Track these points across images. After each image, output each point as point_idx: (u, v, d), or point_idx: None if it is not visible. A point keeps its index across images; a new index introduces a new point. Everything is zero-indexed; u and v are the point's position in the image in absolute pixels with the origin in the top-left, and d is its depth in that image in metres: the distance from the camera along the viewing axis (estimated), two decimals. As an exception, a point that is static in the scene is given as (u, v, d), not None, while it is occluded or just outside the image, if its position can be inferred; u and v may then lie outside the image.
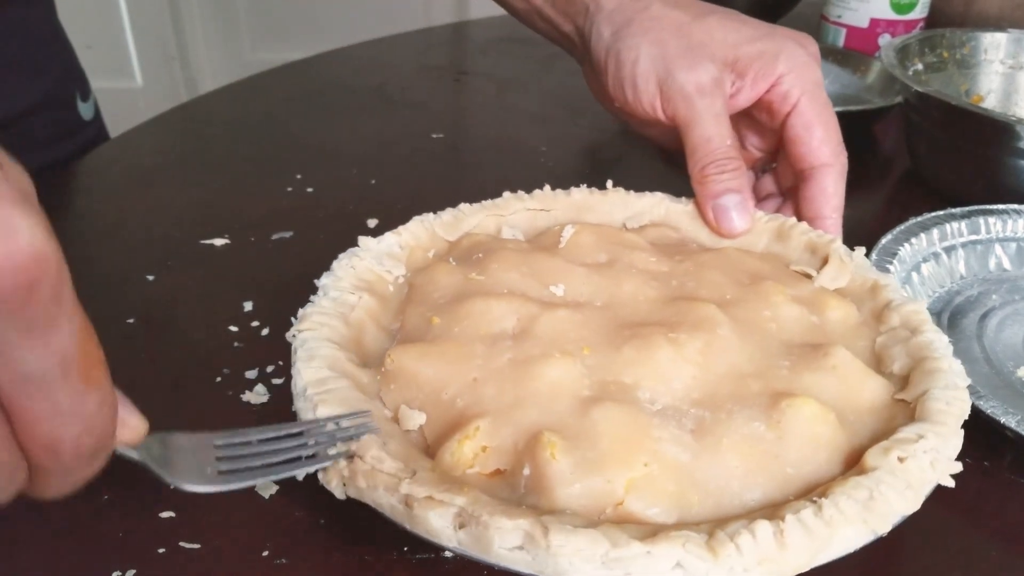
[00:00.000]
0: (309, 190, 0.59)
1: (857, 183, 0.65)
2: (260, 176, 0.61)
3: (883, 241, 0.47)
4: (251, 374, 0.41)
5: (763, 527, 0.26)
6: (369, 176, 0.62)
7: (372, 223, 0.54)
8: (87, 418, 0.22)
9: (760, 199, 0.52)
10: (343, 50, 0.91)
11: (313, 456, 0.29)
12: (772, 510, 0.28)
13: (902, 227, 0.49)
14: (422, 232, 0.43)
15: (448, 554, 0.32)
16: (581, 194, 0.47)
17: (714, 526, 0.27)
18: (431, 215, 0.44)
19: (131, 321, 0.44)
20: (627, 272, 0.40)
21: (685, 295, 0.38)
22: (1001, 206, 0.51)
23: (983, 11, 0.86)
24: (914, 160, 0.65)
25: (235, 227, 0.54)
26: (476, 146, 0.72)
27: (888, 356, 0.36)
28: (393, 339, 0.38)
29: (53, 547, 0.31)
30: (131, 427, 0.26)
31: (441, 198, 0.45)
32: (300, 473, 0.29)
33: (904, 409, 0.32)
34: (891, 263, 0.45)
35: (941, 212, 0.50)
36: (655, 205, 0.47)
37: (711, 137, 0.45)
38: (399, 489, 0.28)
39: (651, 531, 0.27)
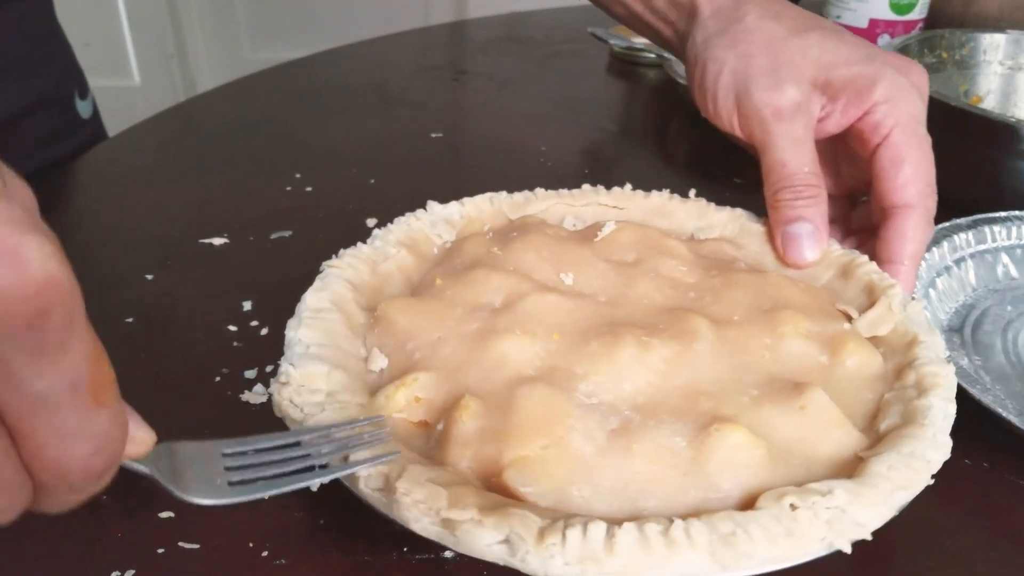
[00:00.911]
0: (308, 189, 0.59)
1: (856, 183, 0.65)
2: (259, 175, 0.61)
3: None
4: (250, 374, 0.41)
5: (597, 527, 0.26)
6: (368, 175, 0.61)
7: (371, 222, 0.54)
8: (97, 439, 0.21)
9: (851, 231, 0.48)
10: (342, 49, 0.91)
11: (325, 466, 0.28)
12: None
13: None
14: (487, 207, 0.46)
15: (448, 554, 0.32)
16: (660, 198, 0.47)
17: (568, 517, 0.27)
18: (504, 193, 0.46)
19: (130, 320, 0.44)
20: (647, 275, 0.40)
21: (687, 306, 0.38)
22: (1003, 213, 0.51)
23: (982, 12, 0.86)
24: (913, 161, 0.65)
25: (234, 226, 0.54)
26: (475, 146, 0.72)
27: (885, 413, 0.34)
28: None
29: (52, 547, 0.31)
30: (139, 441, 0.25)
31: (440, 198, 0.45)
32: (314, 484, 0.28)
33: None
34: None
35: (947, 224, 0.49)
36: (731, 221, 0.46)
37: (786, 163, 0.43)
38: None
39: (510, 506, 0.28)
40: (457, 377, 0.34)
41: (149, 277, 0.48)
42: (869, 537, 0.28)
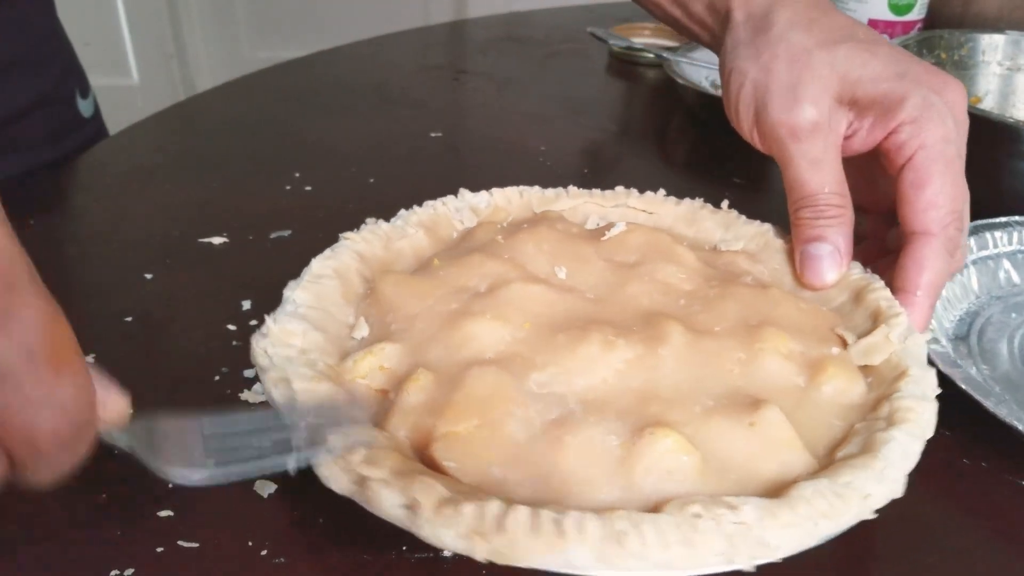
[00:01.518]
0: (308, 189, 0.59)
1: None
2: (258, 175, 0.61)
3: None
4: (249, 373, 0.40)
5: (493, 505, 0.26)
6: (368, 175, 0.61)
7: (371, 222, 0.54)
8: (61, 406, 0.21)
9: (888, 250, 0.45)
10: (342, 48, 0.91)
11: (308, 446, 0.28)
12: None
13: None
14: (516, 198, 0.47)
15: (447, 554, 0.32)
16: (690, 206, 0.47)
17: (478, 494, 0.27)
18: (537, 188, 0.47)
19: (129, 320, 0.44)
20: (641, 278, 0.40)
21: (671, 312, 0.37)
22: (1004, 219, 0.50)
23: (981, 12, 0.86)
24: (912, 161, 0.65)
25: (233, 226, 0.54)
26: (475, 145, 0.72)
27: (849, 442, 0.32)
28: None
29: (51, 547, 0.31)
30: (111, 407, 0.25)
31: (440, 197, 0.45)
32: (291, 465, 0.28)
33: None
34: None
35: None
36: (757, 235, 0.45)
37: (805, 182, 0.42)
38: None
39: (439, 477, 0.28)
40: (421, 351, 0.35)
41: (148, 276, 0.48)
42: (777, 560, 0.27)
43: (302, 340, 0.35)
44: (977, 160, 0.57)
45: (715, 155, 0.68)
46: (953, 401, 0.37)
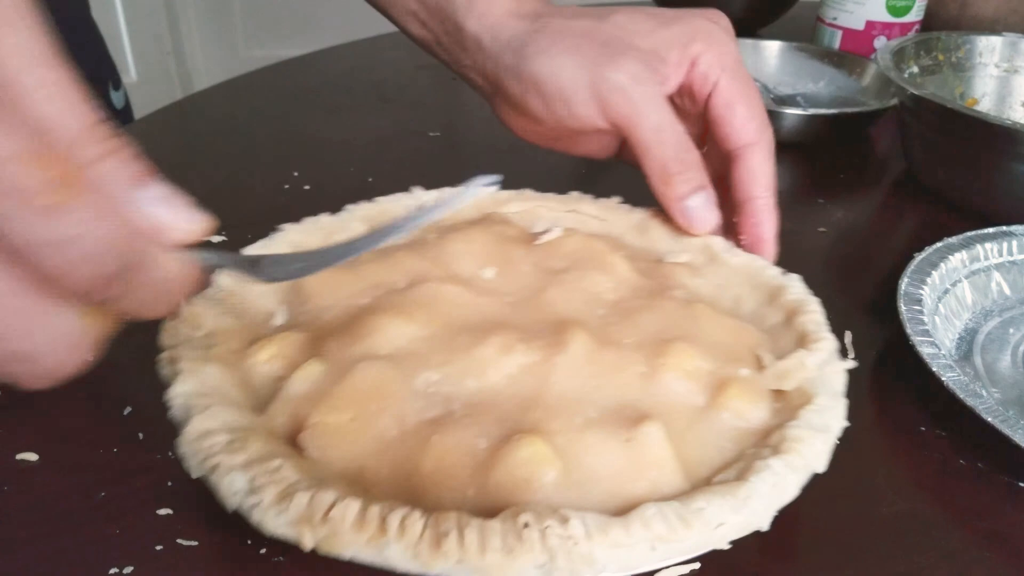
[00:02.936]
0: (306, 188, 0.59)
1: (852, 185, 0.66)
2: (256, 173, 0.61)
3: (903, 288, 0.44)
4: (248, 372, 0.41)
5: (328, 495, 0.27)
6: (366, 174, 0.62)
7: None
8: (82, 233, 0.21)
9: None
10: (340, 47, 0.91)
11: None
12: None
13: (913, 266, 0.46)
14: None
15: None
16: (642, 215, 0.46)
17: (348, 488, 0.28)
18: (493, 189, 0.46)
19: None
20: (565, 285, 0.39)
21: (583, 321, 0.37)
22: (992, 229, 0.50)
23: (978, 14, 0.86)
24: (909, 162, 0.65)
25: (231, 224, 0.53)
26: (473, 145, 0.72)
27: (731, 467, 0.31)
28: None
29: (50, 545, 0.31)
30: (182, 228, 0.24)
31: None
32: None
33: None
34: (922, 314, 0.42)
35: (940, 244, 0.48)
36: (704, 249, 0.44)
37: (661, 127, 0.42)
38: None
39: (299, 464, 0.29)
40: (321, 342, 0.35)
41: (147, 275, 0.48)
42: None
43: (212, 323, 0.35)
44: (972, 161, 0.57)
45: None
46: (947, 401, 0.37)
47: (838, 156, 0.69)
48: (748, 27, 0.98)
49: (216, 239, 0.52)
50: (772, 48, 0.82)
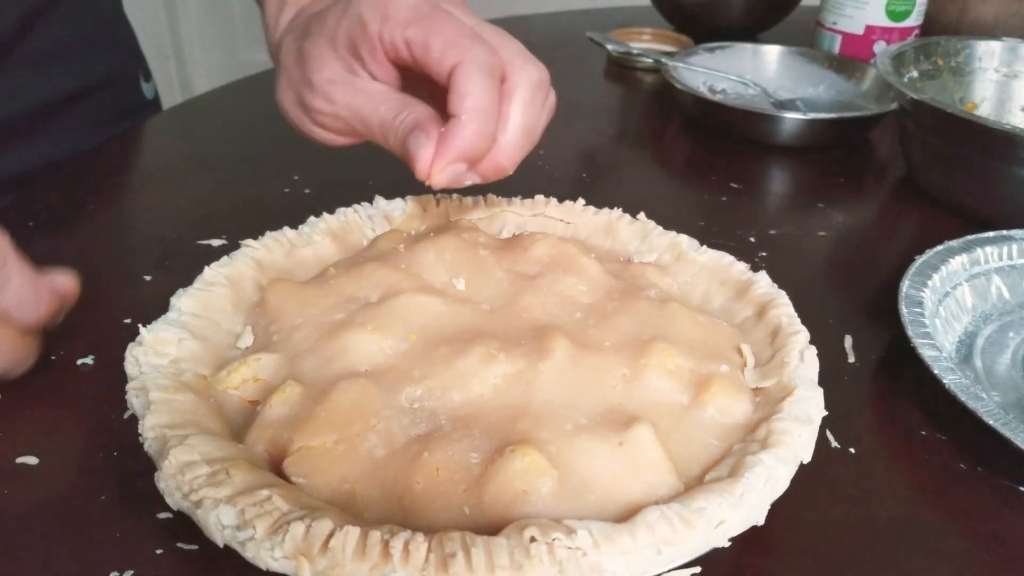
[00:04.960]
0: (306, 191, 0.59)
1: (852, 189, 0.66)
2: (257, 177, 0.61)
3: (904, 290, 0.44)
4: (248, 375, 0.40)
5: (324, 523, 0.26)
6: (366, 177, 0.61)
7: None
8: None
9: None
10: (340, 52, 0.91)
11: None
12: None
13: (914, 269, 0.46)
14: (432, 207, 0.46)
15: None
16: (608, 217, 0.47)
17: (340, 514, 0.27)
18: (455, 195, 0.46)
19: (127, 321, 0.44)
20: (540, 290, 0.39)
21: (562, 326, 0.37)
22: (992, 233, 0.50)
23: (978, 19, 0.86)
24: (909, 166, 0.66)
25: (232, 228, 0.53)
26: (473, 149, 0.72)
27: (721, 464, 0.31)
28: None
29: (50, 548, 0.31)
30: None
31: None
32: None
33: None
34: (923, 316, 0.42)
35: (940, 247, 0.48)
36: (670, 247, 0.44)
37: (370, 113, 0.39)
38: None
39: (287, 492, 0.28)
40: (296, 363, 0.34)
41: (147, 278, 0.48)
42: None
43: (176, 349, 0.34)
44: (971, 166, 0.57)
45: (712, 160, 0.68)
46: (948, 404, 0.37)
47: (838, 160, 0.69)
48: (748, 32, 0.98)
49: (217, 243, 0.52)
50: (772, 52, 0.82)
